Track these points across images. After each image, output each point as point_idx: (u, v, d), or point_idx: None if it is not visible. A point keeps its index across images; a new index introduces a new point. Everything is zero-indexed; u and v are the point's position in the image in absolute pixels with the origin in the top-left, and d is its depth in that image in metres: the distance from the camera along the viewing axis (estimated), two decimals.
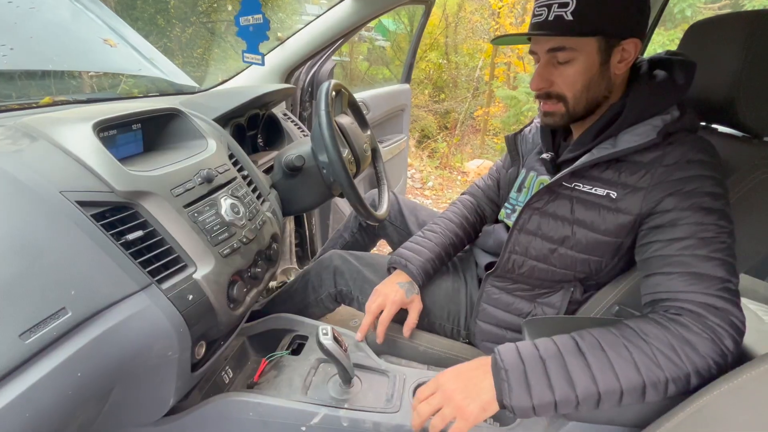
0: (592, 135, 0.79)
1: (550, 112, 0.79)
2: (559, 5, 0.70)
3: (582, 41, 0.72)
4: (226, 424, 0.71)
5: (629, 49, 0.73)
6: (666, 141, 0.70)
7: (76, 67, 1.01)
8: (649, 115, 0.73)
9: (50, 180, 0.50)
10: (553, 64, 0.75)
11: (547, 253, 0.81)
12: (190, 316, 0.59)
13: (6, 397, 0.40)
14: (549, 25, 0.72)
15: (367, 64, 6.41)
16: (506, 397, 0.60)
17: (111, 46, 1.18)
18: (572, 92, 0.76)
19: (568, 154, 0.82)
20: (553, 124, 0.81)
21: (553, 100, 0.77)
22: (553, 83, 0.76)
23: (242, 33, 0.78)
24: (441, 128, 6.21)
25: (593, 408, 0.59)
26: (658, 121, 0.72)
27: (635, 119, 0.73)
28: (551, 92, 0.77)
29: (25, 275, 0.44)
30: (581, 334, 0.64)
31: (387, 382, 0.78)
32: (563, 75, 0.75)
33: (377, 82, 6.23)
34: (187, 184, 0.65)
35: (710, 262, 0.63)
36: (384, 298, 0.88)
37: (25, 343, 0.42)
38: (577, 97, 0.76)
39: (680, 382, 0.58)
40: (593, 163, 0.74)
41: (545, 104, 0.79)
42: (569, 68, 0.74)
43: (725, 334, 0.58)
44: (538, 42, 0.76)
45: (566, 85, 0.75)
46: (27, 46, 0.89)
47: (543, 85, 0.77)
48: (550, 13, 0.72)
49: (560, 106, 0.77)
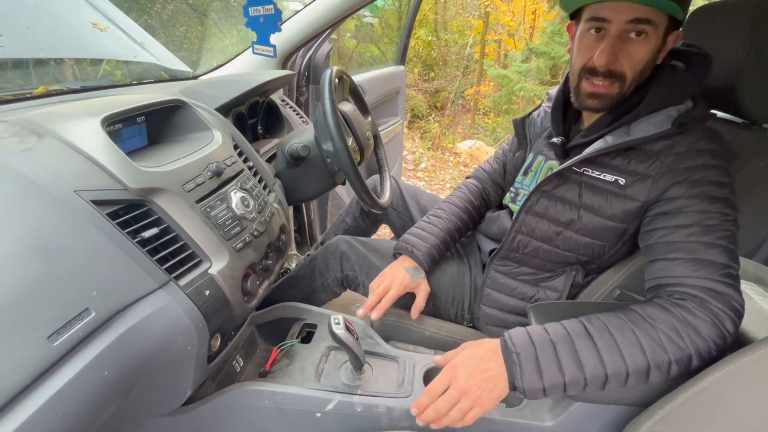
0: (607, 121, 0.78)
1: (602, 94, 0.73)
2: None
3: (662, 18, 0.68)
4: (243, 412, 0.73)
5: (672, 41, 0.73)
6: (677, 131, 0.71)
7: (66, 54, 0.97)
8: (666, 105, 0.73)
9: (64, 180, 0.50)
10: (624, 39, 0.69)
11: (552, 235, 0.83)
12: (208, 311, 0.60)
13: (39, 399, 0.41)
14: None
15: (354, 42, 6.27)
16: (518, 379, 0.62)
17: (101, 30, 1.13)
18: (632, 73, 0.71)
19: (580, 139, 0.82)
20: (596, 108, 0.77)
21: (611, 79, 0.72)
22: (617, 60, 0.70)
23: (251, 24, 0.75)
24: (431, 108, 6.16)
25: (600, 389, 0.62)
26: (673, 111, 0.73)
27: (654, 108, 0.73)
28: (615, 70, 0.71)
29: (47, 278, 0.44)
30: (589, 318, 0.66)
31: (397, 367, 0.80)
32: (631, 52, 0.69)
33: (365, 60, 6.11)
34: (198, 179, 0.64)
35: (714, 249, 0.65)
36: (390, 281, 0.89)
37: (53, 345, 0.43)
38: (633, 80, 0.72)
39: (683, 363, 0.61)
40: (607, 150, 0.74)
41: (598, 85, 0.73)
42: (642, 46, 0.69)
43: (726, 318, 0.61)
44: (619, 9, 0.67)
45: (631, 64, 0.70)
46: (16, 33, 0.86)
47: (611, 60, 0.70)
48: None
49: (615, 87, 0.73)
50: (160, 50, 1.33)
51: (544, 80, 4.78)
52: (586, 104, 0.77)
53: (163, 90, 0.97)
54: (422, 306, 0.91)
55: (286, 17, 1.22)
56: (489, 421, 0.70)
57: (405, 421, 0.72)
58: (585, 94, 0.76)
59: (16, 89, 0.83)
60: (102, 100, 0.69)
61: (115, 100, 0.69)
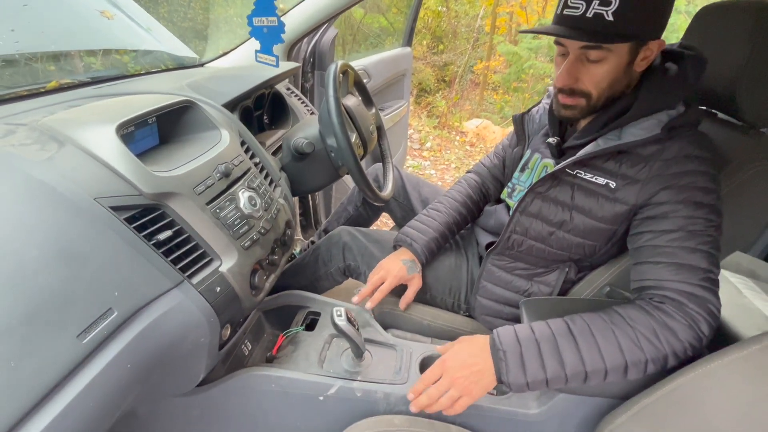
0: (600, 125, 0.81)
1: (570, 105, 0.79)
2: (601, 2, 0.68)
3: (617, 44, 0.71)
4: (251, 394, 0.79)
5: (653, 49, 0.74)
6: (667, 135, 0.73)
7: (76, 46, 0.99)
8: (656, 109, 0.75)
9: (84, 188, 0.53)
10: (582, 61, 0.75)
11: (545, 234, 0.86)
12: (219, 306, 0.64)
13: (73, 391, 0.46)
14: (587, 22, 0.69)
15: (362, 12, 6.12)
16: (504, 375, 0.68)
17: (108, 19, 1.14)
18: (597, 90, 0.76)
19: (574, 141, 0.85)
20: (571, 117, 0.81)
21: (577, 95, 0.78)
22: (578, 80, 0.76)
23: (255, 33, 0.77)
24: (439, 81, 6.05)
25: (581, 384, 0.67)
26: (663, 116, 0.74)
27: (644, 113, 0.75)
28: (576, 89, 0.77)
29: (74, 281, 0.49)
30: (573, 318, 0.70)
31: (395, 355, 0.86)
32: (591, 73, 0.75)
33: (373, 31, 5.97)
34: (207, 181, 0.68)
35: (696, 254, 0.68)
36: (386, 272, 0.94)
37: (82, 343, 0.47)
38: (600, 95, 0.77)
39: (659, 363, 0.65)
40: (598, 154, 0.77)
41: (566, 98, 0.79)
42: (599, 68, 0.74)
43: (702, 320, 0.65)
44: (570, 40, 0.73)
45: (592, 83, 0.75)
46: (28, 27, 0.88)
47: (569, 81, 0.76)
48: (589, 9, 0.69)
49: (582, 101, 0.78)
50: (167, 36, 1.34)
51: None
52: (561, 114, 0.82)
53: (172, 81, 0.99)
54: (411, 299, 0.96)
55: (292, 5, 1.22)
56: (478, 408, 0.76)
57: (401, 406, 0.77)
58: (560, 106, 0.81)
59: (30, 84, 0.86)
60: (116, 103, 0.71)
61: (128, 103, 0.72)
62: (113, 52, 1.07)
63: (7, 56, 0.85)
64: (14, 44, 0.88)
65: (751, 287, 1.25)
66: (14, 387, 0.41)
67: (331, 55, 1.48)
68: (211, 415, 0.82)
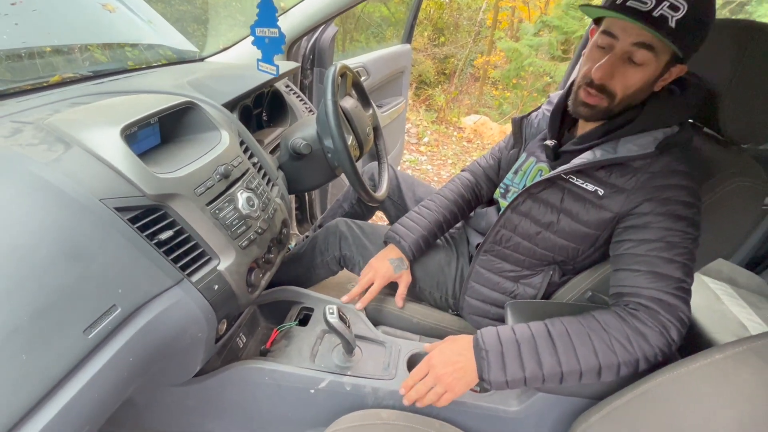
0: (599, 134, 0.83)
1: (591, 104, 0.78)
2: (670, 6, 0.67)
3: (665, 49, 0.70)
4: (245, 386, 0.83)
5: (675, 73, 0.76)
6: (659, 152, 0.76)
7: (79, 39, 1.00)
8: (655, 127, 0.77)
9: (90, 189, 0.56)
10: (624, 60, 0.73)
11: (532, 233, 0.90)
12: (216, 303, 0.67)
13: (78, 384, 0.49)
14: (652, 19, 0.67)
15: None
16: (485, 372, 0.72)
17: (110, 12, 1.15)
18: (623, 94, 0.76)
19: (571, 146, 0.87)
20: (586, 116, 0.81)
21: (602, 94, 0.77)
22: (613, 78, 0.75)
23: (257, 43, 0.79)
24: (439, 74, 6.04)
25: (557, 384, 0.71)
26: (659, 134, 0.77)
27: (644, 128, 0.78)
28: (607, 86, 0.75)
29: (81, 279, 0.51)
30: (553, 322, 0.75)
31: (384, 352, 0.89)
32: (627, 75, 0.74)
33: (374, 21, 5.93)
34: (207, 182, 0.70)
35: (672, 264, 0.72)
36: (374, 273, 0.99)
37: (88, 338, 0.50)
38: (622, 100, 0.77)
39: (631, 366, 0.69)
40: (593, 165, 0.79)
41: (591, 96, 0.78)
42: (637, 71, 0.73)
43: (672, 327, 0.69)
44: (628, 30, 0.71)
45: (624, 85, 0.75)
46: (31, 22, 0.89)
47: (606, 77, 0.75)
48: (658, 8, 0.67)
49: (604, 101, 0.77)
50: (167, 28, 1.35)
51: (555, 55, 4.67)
52: (578, 111, 0.82)
53: (173, 77, 1.00)
54: (404, 294, 1.00)
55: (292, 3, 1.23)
56: (462, 404, 0.80)
57: (389, 400, 0.81)
58: (579, 102, 0.81)
59: (34, 78, 0.87)
60: (120, 103, 0.73)
61: (132, 103, 0.74)
62: (115, 45, 1.08)
63: (11, 50, 0.86)
64: (19, 38, 0.89)
65: (730, 293, 1.31)
66: (25, 379, 0.44)
67: (331, 53, 1.49)
68: (206, 405, 0.85)
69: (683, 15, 0.67)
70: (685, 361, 0.63)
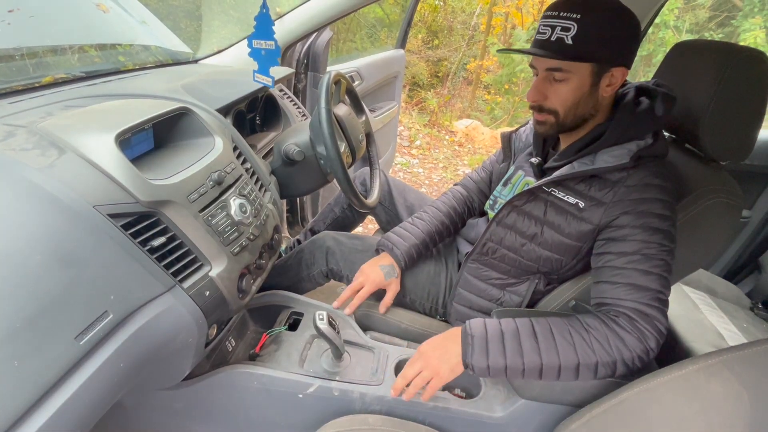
0: (575, 149, 0.88)
1: (541, 121, 0.87)
2: (562, 28, 0.77)
3: (577, 65, 0.78)
4: (234, 391, 0.83)
5: (617, 76, 0.81)
6: (634, 164, 0.80)
7: (72, 40, 1.00)
8: (627, 139, 0.82)
9: (84, 196, 0.56)
10: (549, 81, 0.82)
11: (518, 246, 0.93)
12: (207, 309, 0.68)
13: (69, 390, 0.49)
14: (550, 45, 0.78)
15: None
16: (469, 357, 0.76)
17: (104, 12, 1.15)
18: (563, 108, 0.83)
19: (553, 163, 0.92)
20: (544, 133, 0.89)
21: (545, 112, 0.85)
22: (547, 98, 0.84)
23: (254, 54, 0.80)
24: (432, 77, 6.07)
25: (536, 377, 0.75)
26: (633, 146, 0.81)
27: (614, 141, 0.82)
28: (544, 106, 0.84)
29: (74, 285, 0.52)
30: (538, 319, 0.79)
31: (372, 357, 0.91)
32: (557, 92, 0.82)
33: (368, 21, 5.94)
34: (201, 189, 0.71)
35: (649, 276, 0.75)
36: (365, 277, 1.00)
37: (80, 344, 0.51)
38: (566, 113, 0.84)
39: (609, 367, 0.73)
40: (572, 176, 0.83)
41: (538, 115, 0.87)
42: (563, 87, 0.81)
43: (650, 336, 0.73)
44: (539, 60, 0.83)
45: (558, 101, 0.83)
46: (24, 22, 0.89)
47: (538, 98, 0.84)
48: (553, 34, 0.78)
49: (551, 117, 0.85)
50: (162, 29, 1.35)
51: None
52: (537, 129, 0.90)
53: (167, 80, 1.01)
54: (389, 303, 1.02)
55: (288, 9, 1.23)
56: (448, 410, 0.82)
57: (376, 405, 0.83)
58: (535, 122, 0.89)
59: (26, 79, 0.87)
60: (114, 107, 0.74)
61: (126, 108, 0.74)
62: (108, 46, 1.08)
63: (2, 50, 0.86)
64: (11, 38, 0.88)
65: (708, 303, 1.35)
66: (18, 385, 0.45)
67: (326, 57, 1.50)
68: (195, 409, 0.86)
69: (576, 32, 0.75)
70: (659, 372, 0.65)
